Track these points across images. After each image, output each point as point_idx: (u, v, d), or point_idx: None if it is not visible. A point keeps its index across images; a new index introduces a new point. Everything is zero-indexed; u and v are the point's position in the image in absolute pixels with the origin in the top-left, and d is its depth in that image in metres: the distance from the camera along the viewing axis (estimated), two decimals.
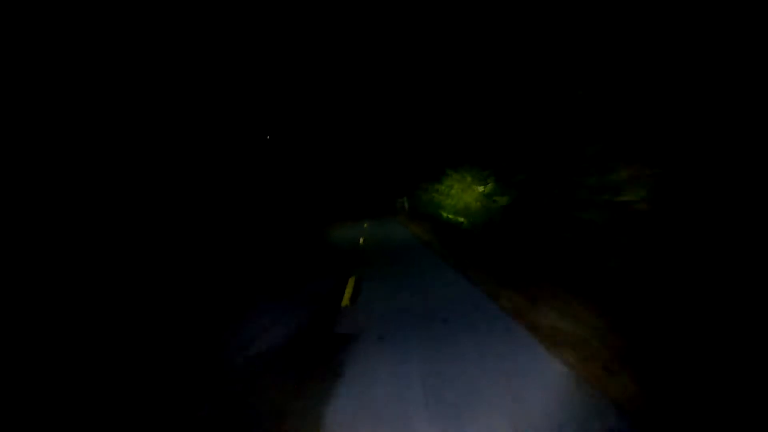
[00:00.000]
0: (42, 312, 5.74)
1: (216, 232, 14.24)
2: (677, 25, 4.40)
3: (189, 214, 12.93)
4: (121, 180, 10.09)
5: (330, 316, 4.91)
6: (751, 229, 3.63)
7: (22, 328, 5.09)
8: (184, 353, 4.06)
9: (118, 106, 10.41)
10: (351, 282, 6.56)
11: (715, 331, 3.41)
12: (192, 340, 4.40)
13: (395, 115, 27.66)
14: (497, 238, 9.64)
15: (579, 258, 6.00)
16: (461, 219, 12.93)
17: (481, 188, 11.04)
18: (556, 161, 6.93)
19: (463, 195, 12.57)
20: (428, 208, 18.82)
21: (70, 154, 8.70)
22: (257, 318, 5.01)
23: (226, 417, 2.84)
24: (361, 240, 13.15)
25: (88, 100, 9.44)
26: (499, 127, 9.80)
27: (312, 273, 7.80)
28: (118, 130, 10.29)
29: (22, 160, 7.53)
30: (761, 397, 2.53)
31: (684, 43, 4.30)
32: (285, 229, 19.02)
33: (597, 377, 2.96)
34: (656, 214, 4.67)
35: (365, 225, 20.19)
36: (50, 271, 7.21)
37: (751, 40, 3.70)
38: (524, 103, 8.34)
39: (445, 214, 15.30)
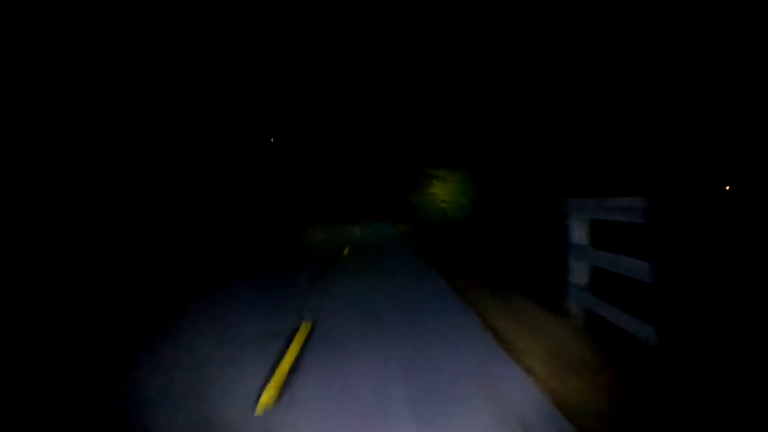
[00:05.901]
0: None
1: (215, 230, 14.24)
2: None
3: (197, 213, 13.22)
4: (122, 179, 10.29)
5: None
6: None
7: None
8: None
9: (122, 107, 10.56)
10: None
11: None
12: None
13: (392, 125, 28.92)
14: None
15: None
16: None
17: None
18: None
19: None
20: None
21: (75, 150, 8.97)
22: None
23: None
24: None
25: (91, 102, 9.57)
26: None
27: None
28: (121, 130, 10.48)
29: (23, 157, 7.61)
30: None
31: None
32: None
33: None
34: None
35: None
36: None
37: None
38: None
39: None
